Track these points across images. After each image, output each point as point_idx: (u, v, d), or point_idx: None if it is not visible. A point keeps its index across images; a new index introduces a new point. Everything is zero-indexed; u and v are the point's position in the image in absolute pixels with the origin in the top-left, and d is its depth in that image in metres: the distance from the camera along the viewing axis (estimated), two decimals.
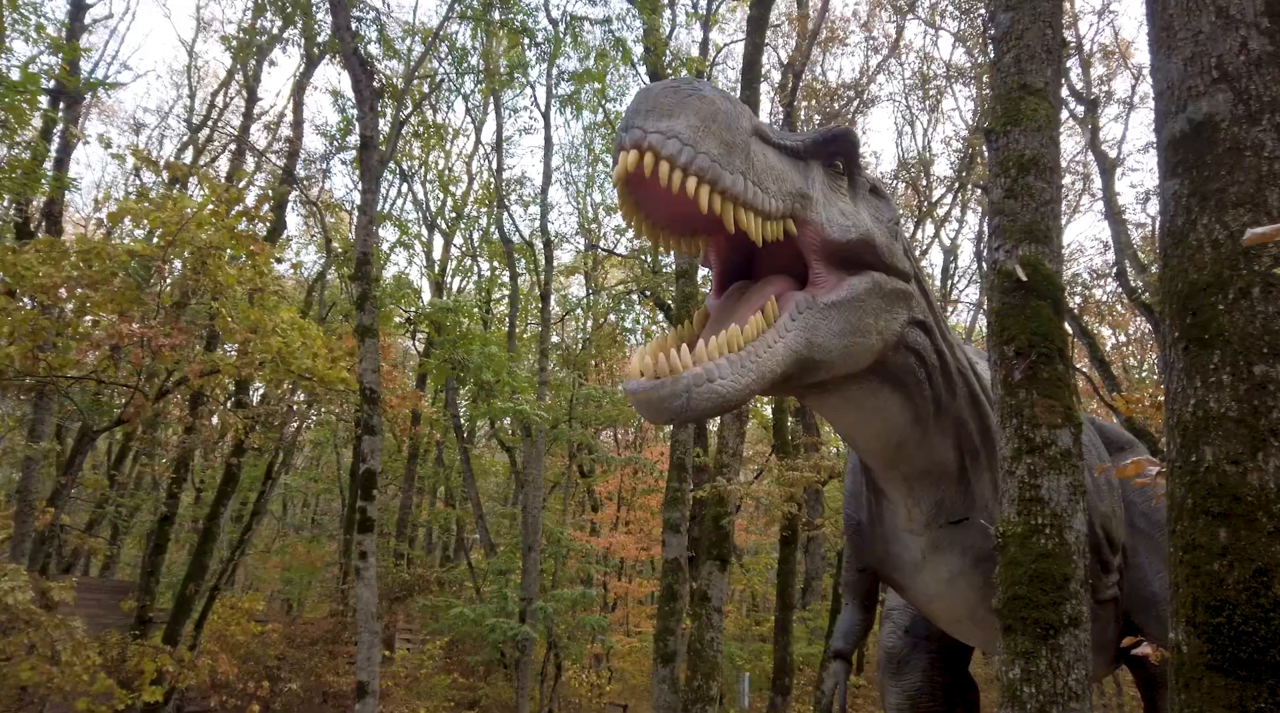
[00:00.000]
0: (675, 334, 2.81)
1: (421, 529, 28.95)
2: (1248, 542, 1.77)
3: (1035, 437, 2.35)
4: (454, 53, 14.75)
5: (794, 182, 2.78)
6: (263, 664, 12.54)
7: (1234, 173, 2.02)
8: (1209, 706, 1.72)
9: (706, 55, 19.96)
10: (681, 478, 12.48)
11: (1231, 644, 1.72)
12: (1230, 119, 2.06)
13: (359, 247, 8.68)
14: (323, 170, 18.85)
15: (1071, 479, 2.31)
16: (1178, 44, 2.20)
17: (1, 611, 6.39)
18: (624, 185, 2.56)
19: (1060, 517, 2.31)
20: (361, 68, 8.69)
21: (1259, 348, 1.88)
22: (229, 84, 20.82)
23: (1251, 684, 1.68)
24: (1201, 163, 2.08)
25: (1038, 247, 2.48)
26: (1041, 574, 2.26)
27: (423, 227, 23.42)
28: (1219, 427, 1.87)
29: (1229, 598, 1.75)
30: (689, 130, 2.41)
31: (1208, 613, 1.77)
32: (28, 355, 8.83)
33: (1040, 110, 2.60)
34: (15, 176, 12.15)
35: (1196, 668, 1.76)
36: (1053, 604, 2.21)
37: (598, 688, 22.26)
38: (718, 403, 2.48)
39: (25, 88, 10.71)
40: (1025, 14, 2.66)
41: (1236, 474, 1.81)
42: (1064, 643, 2.14)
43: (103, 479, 15.45)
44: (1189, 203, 2.07)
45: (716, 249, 2.96)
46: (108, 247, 8.73)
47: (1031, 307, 2.44)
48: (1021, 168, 2.59)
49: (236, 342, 9.87)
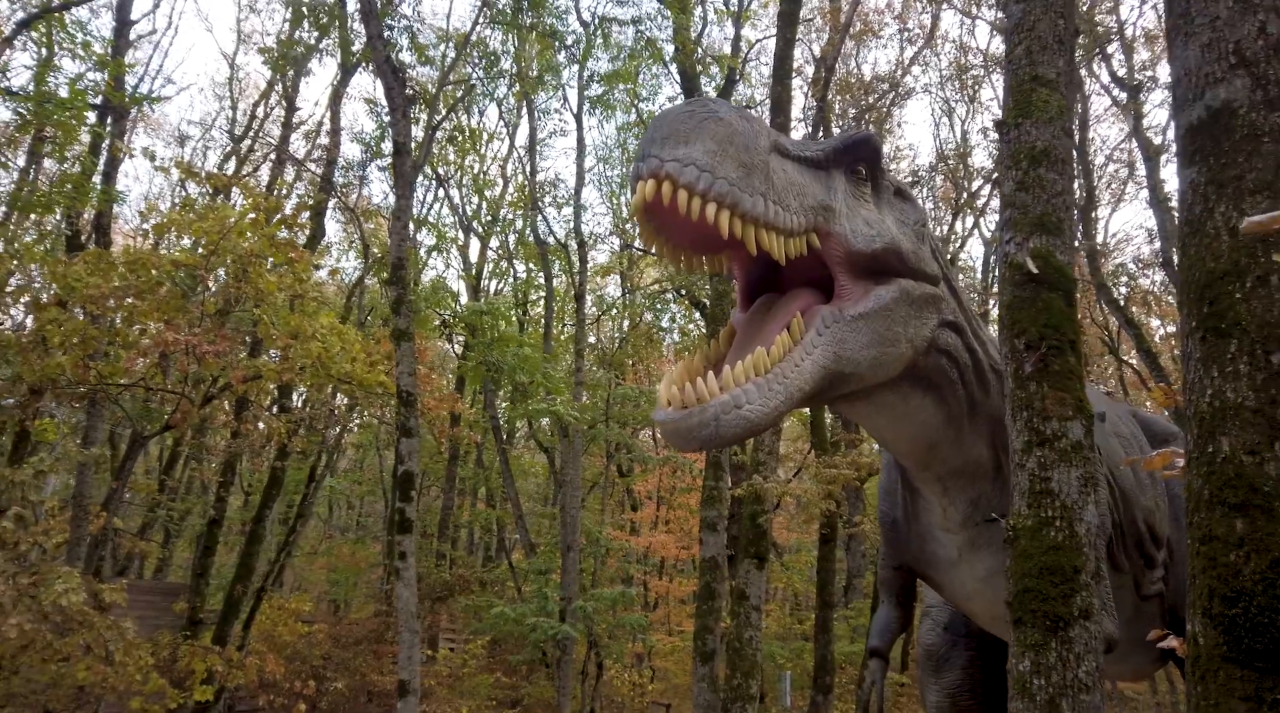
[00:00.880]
0: (703, 355, 2.81)
1: (464, 530, 29.22)
2: (1265, 532, 1.75)
3: (1046, 429, 2.34)
4: (486, 58, 14.88)
5: (816, 194, 2.76)
6: (309, 664, 12.77)
7: (1252, 159, 1.99)
8: (1225, 698, 1.70)
9: (739, 52, 19.93)
10: (718, 476, 12.47)
11: (1248, 636, 1.70)
12: (1248, 105, 2.04)
13: (394, 252, 8.81)
14: (360, 177, 19.13)
15: (1082, 472, 2.29)
16: (1195, 30, 2.18)
17: (56, 612, 6.58)
18: (643, 213, 2.56)
19: (1071, 509, 2.29)
20: (394, 75, 8.82)
21: (1277, 336, 1.85)
22: (269, 95, 21.22)
23: (1268, 676, 1.67)
24: (1219, 150, 2.05)
25: (1049, 238, 2.46)
26: (1052, 567, 2.24)
27: (459, 230, 23.65)
28: (1236, 417, 1.85)
29: (1245, 589, 1.73)
30: (706, 156, 2.40)
31: (1224, 604, 1.75)
32: (78, 364, 9.09)
33: (1052, 102, 2.58)
34: (65, 191, 12.51)
35: (1213, 660, 1.75)
36: (1063, 597, 2.19)
37: (640, 687, 22.30)
38: (746, 428, 2.48)
39: (73, 104, 11.03)
40: (1037, 5, 2.63)
41: (1254, 465, 1.79)
42: (1074, 635, 2.13)
43: (153, 484, 15.83)
44: (1206, 191, 2.05)
45: (741, 264, 2.94)
46: (152, 257, 8.95)
47: (1043, 299, 2.42)
48: (1033, 160, 2.56)
49: (278, 347, 10.06)
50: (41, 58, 14.06)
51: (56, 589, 6.41)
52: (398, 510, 8.28)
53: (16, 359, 9.18)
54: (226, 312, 10.35)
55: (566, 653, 15.09)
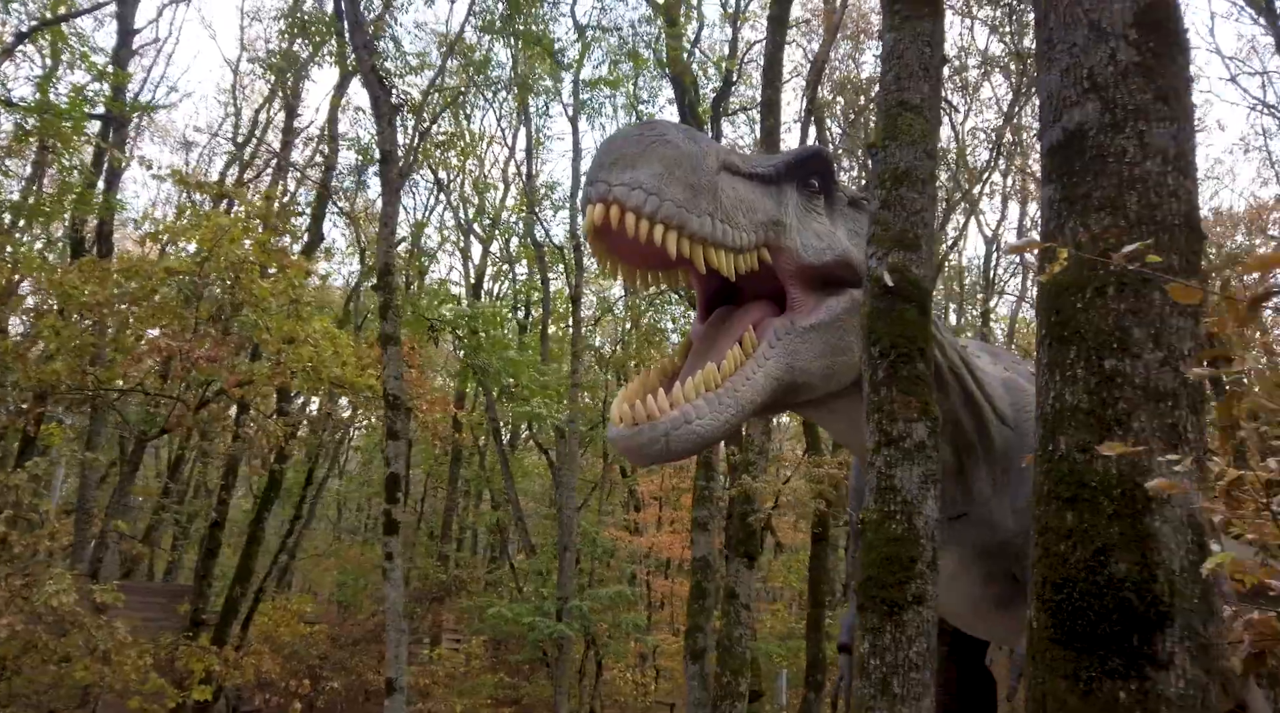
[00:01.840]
0: (659, 369, 2.91)
1: (469, 532, 29.43)
2: (1090, 524, 1.89)
3: (893, 431, 2.48)
4: (473, 65, 15.07)
5: (766, 210, 2.87)
6: (305, 664, 12.97)
7: (1098, 178, 2.14)
8: (1050, 676, 1.85)
9: (735, 54, 20.06)
10: (710, 477, 12.61)
11: (1070, 619, 1.85)
12: (1098, 127, 2.18)
13: (381, 258, 9.00)
14: (357, 183, 19.38)
15: (924, 469, 2.44)
16: (1056, 56, 2.33)
17: (49, 613, 6.79)
18: (594, 236, 2.67)
19: (911, 504, 2.43)
20: (379, 85, 9.01)
21: (1110, 344, 2.00)
22: (271, 102, 21.48)
23: (1085, 655, 1.81)
24: (1071, 169, 2.20)
25: (907, 253, 2.61)
26: (891, 557, 2.39)
27: (460, 234, 23.89)
28: (1072, 418, 2.00)
29: (1071, 576, 1.88)
30: (652, 179, 2.51)
31: (1053, 590, 1.90)
32: (75, 370, 9.31)
33: (916, 126, 2.72)
34: (67, 200, 12.76)
35: (1042, 642, 1.89)
36: (899, 584, 2.34)
37: (643, 687, 22.45)
38: (696, 443, 2.58)
39: (71, 114, 11.26)
40: (906, 34, 2.77)
41: (1084, 462, 1.94)
42: (908, 619, 2.28)
43: (152, 487, 16.08)
44: (1059, 207, 2.20)
45: (698, 278, 3.06)
46: (146, 264, 9.17)
47: (897, 310, 2.57)
48: (896, 180, 2.71)
49: (272, 352, 10.26)
50: (46, 68, 14.34)
51: (48, 590, 6.62)
52: (384, 512, 8.47)
53: (16, 366, 9.41)
54: (219, 317, 10.56)
55: (563, 652, 15.28)
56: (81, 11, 13.98)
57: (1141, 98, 2.16)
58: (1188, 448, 1.92)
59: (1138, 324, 2.00)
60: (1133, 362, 1.97)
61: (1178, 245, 2.07)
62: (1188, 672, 1.77)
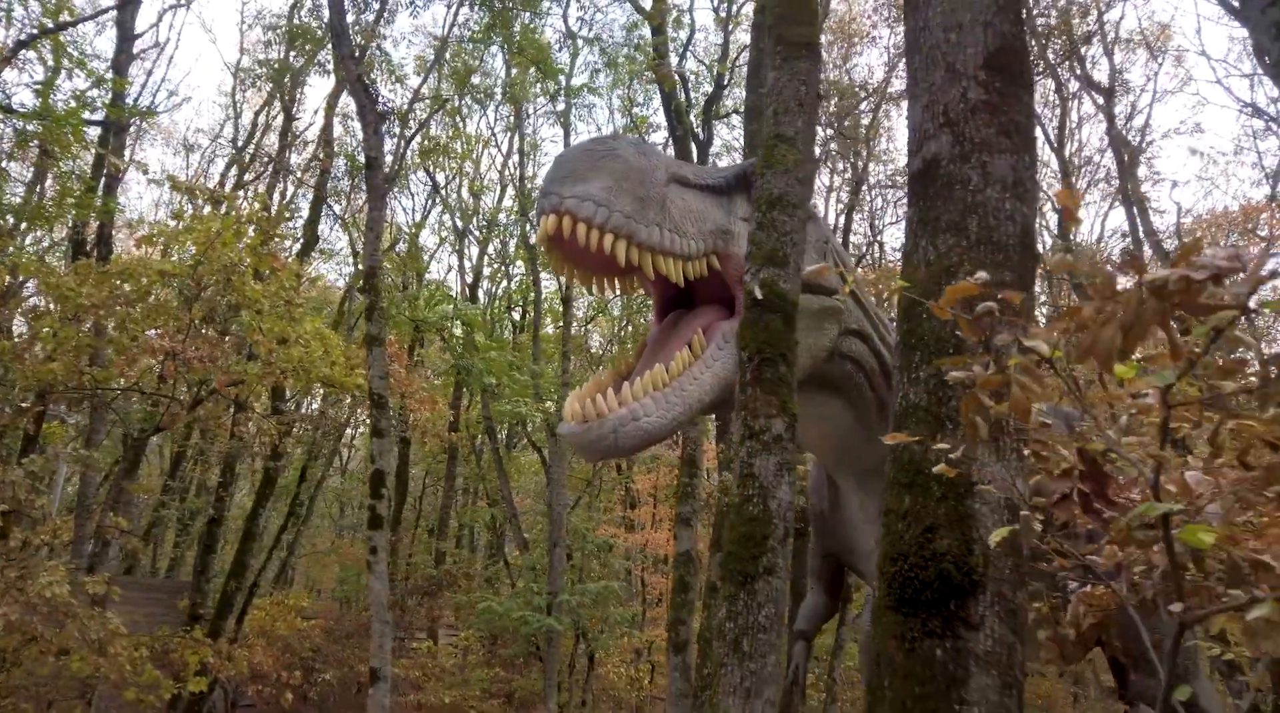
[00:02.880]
0: (613, 370, 3.17)
1: (467, 528, 29.74)
2: (922, 505, 2.18)
3: (755, 425, 2.77)
4: (456, 75, 15.37)
5: (715, 219, 3.12)
6: (298, 656, 13.29)
7: (946, 203, 2.43)
8: (884, 637, 2.14)
9: (727, 57, 20.32)
10: (693, 474, 12.86)
11: (901, 588, 2.14)
12: (949, 158, 2.47)
13: (367, 261, 9.29)
14: (352, 187, 19.67)
15: (779, 459, 2.72)
16: (919, 93, 2.62)
17: (44, 604, 7.09)
18: (548, 245, 2.93)
19: (766, 489, 2.72)
20: (365, 93, 9.31)
21: (945, 350, 2.29)
22: (269, 106, 21.79)
23: (911, 618, 2.10)
24: (926, 195, 2.49)
25: (775, 270, 2.89)
26: (748, 535, 2.68)
27: (455, 236, 24.18)
28: (914, 414, 2.29)
29: (904, 550, 2.17)
30: (603, 191, 2.76)
31: (889, 563, 2.19)
32: (71, 370, 9.62)
33: (789, 156, 3.01)
34: (66, 204, 13.06)
35: (880, 608, 2.18)
36: (752, 558, 2.63)
37: (637, 682, 22.72)
38: (644, 439, 2.84)
39: (68, 121, 11.55)
40: (785, 73, 3.06)
41: (921, 452, 2.23)
42: (758, 588, 2.57)
43: (144, 485, 16.37)
44: (916, 228, 2.49)
45: (655, 284, 3.30)
46: (139, 267, 9.47)
47: (765, 320, 2.85)
48: (770, 204, 3.00)
49: (262, 352, 10.56)
50: (47, 75, 14.65)
51: (41, 582, 6.92)
52: (369, 507, 8.76)
53: (15, 366, 9.71)
54: (212, 319, 10.86)
55: (552, 646, 15.58)
56: (81, 19, 14.27)
57: (986, 132, 2.45)
58: (1009, 440, 2.21)
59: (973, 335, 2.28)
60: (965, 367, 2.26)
61: (1012, 263, 2.36)
62: (996, 632, 2.06)
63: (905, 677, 2.04)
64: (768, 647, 2.51)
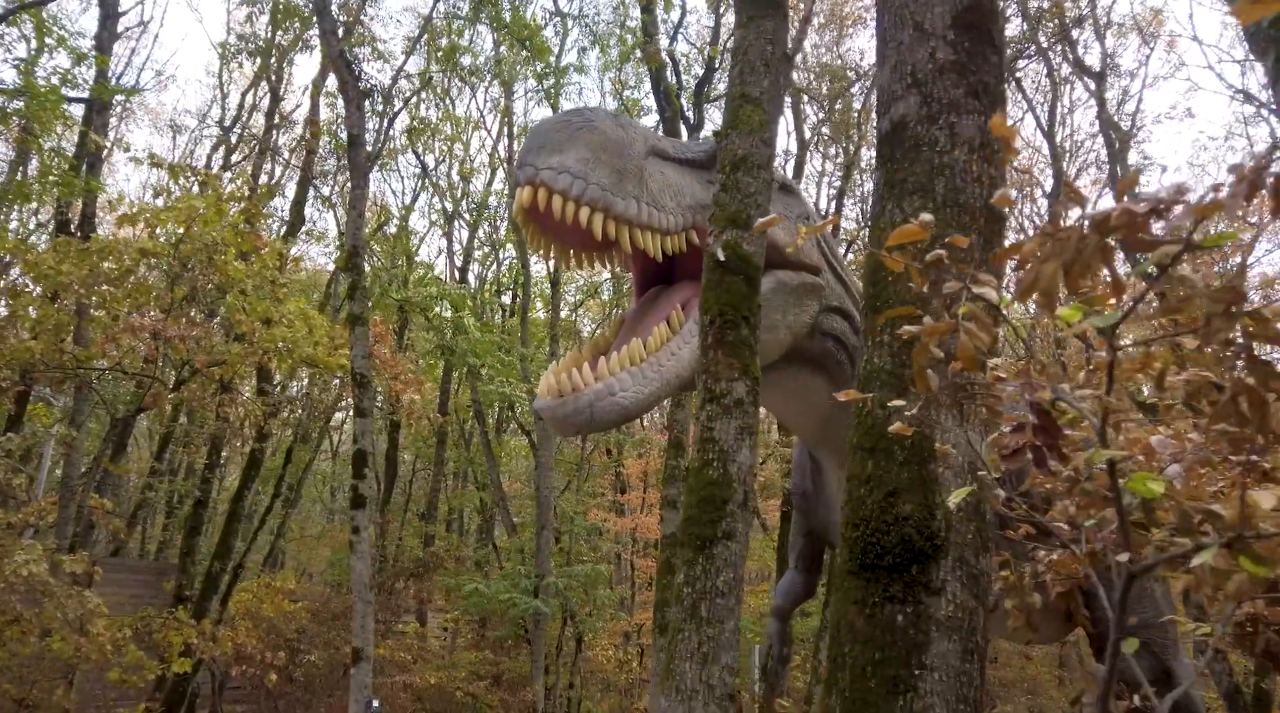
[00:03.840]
0: (591, 345, 3.11)
1: (457, 512, 29.74)
2: (885, 470, 2.15)
3: (716, 389, 2.73)
4: (441, 53, 15.21)
5: (695, 194, 3.05)
6: (284, 637, 13.27)
7: (914, 165, 2.38)
8: (844, 602, 2.11)
9: (718, 40, 20.22)
10: (679, 455, 12.84)
11: (862, 553, 2.11)
12: (916, 119, 2.42)
13: (350, 239, 9.21)
14: (338, 167, 19.51)
15: (740, 423, 2.68)
16: (888, 54, 2.57)
17: (20, 582, 7.04)
18: (524, 217, 2.86)
19: (726, 453, 2.68)
20: (347, 69, 9.21)
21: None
22: (256, 86, 21.58)
23: (872, 583, 2.07)
24: (894, 157, 2.44)
25: (739, 232, 2.84)
26: (707, 499, 2.64)
27: (444, 218, 24.05)
28: (878, 378, 2.25)
29: (865, 516, 2.13)
30: (579, 163, 2.68)
31: (851, 528, 2.16)
32: (51, 349, 9.53)
33: (755, 117, 2.96)
34: (46, 182, 12.93)
35: (841, 574, 2.15)
36: (711, 522, 2.59)
37: (625, 665, 22.80)
38: (620, 414, 2.78)
39: (50, 97, 11.41)
40: (751, 32, 3.01)
41: (883, 417, 2.19)
42: (717, 552, 2.53)
43: (128, 466, 16.29)
44: (883, 191, 2.44)
45: (633, 258, 3.23)
46: (120, 245, 9.37)
47: (727, 282, 2.81)
48: (734, 165, 2.94)
49: (245, 332, 10.48)
50: (30, 54, 14.46)
51: (17, 560, 6.87)
52: (352, 487, 8.72)
53: None
54: (195, 299, 10.77)
55: (539, 628, 15.60)
56: None
57: (955, 93, 2.40)
58: (974, 403, 2.17)
59: (934, 295, 2.24)
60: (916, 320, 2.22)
61: (979, 226, 2.32)
62: (958, 597, 2.03)
63: (865, 642, 2.01)
64: (726, 612, 2.47)
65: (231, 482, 24.14)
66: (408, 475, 28.57)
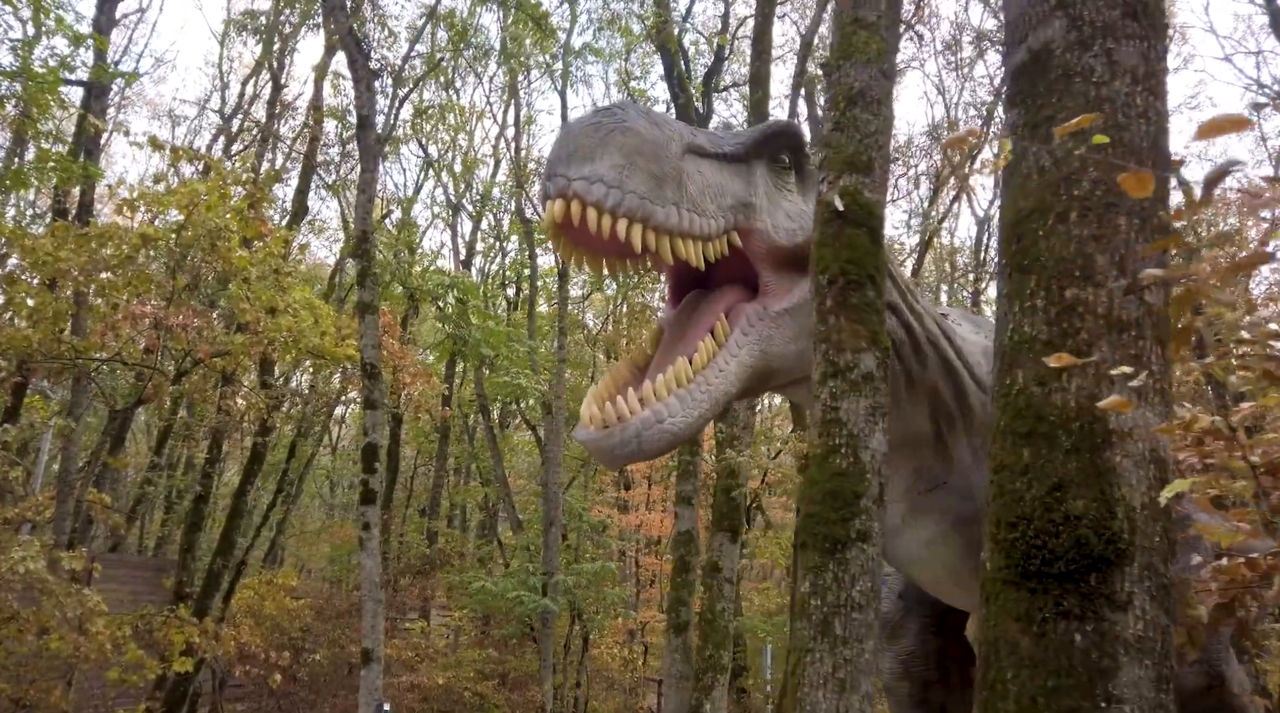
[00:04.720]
0: (629, 362, 2.76)
1: (460, 507, 29.44)
2: (1047, 460, 1.79)
3: (840, 361, 2.37)
4: (454, 32, 14.83)
5: (735, 192, 2.71)
6: (287, 636, 12.95)
7: (1063, 99, 2.02)
8: (1002, 617, 1.75)
9: (727, 29, 19.85)
10: (694, 452, 12.57)
11: (1024, 559, 1.75)
12: (1064, 46, 2.06)
13: (359, 225, 8.85)
14: (342, 154, 19.15)
15: (871, 402, 2.33)
16: None
17: (18, 579, 6.71)
18: (555, 232, 2.52)
19: (856, 437, 2.33)
20: (357, 47, 8.83)
21: (1071, 272, 1.89)
22: (258, 73, 21.21)
23: (1040, 595, 1.71)
24: (1035, 92, 2.08)
25: (859, 177, 2.49)
26: (835, 492, 2.28)
27: (449, 210, 23.70)
28: (1030, 350, 1.89)
29: (1025, 514, 1.77)
30: (613, 171, 2.35)
31: (1007, 529, 1.80)
32: (49, 338, 9.17)
33: (871, 44, 2.60)
34: (44, 168, 12.55)
35: (995, 583, 1.79)
36: (842, 520, 2.23)
37: (630, 663, 22.51)
38: (670, 442, 2.45)
39: (47, 79, 11.04)
40: None
41: (1042, 395, 1.83)
42: (850, 557, 2.17)
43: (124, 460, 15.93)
44: (1023, 132, 2.08)
45: (668, 264, 2.90)
46: (119, 230, 9.01)
47: (847, 235, 2.45)
48: (850, 100, 2.59)
49: (249, 321, 10.13)
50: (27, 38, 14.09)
51: (14, 556, 6.53)
52: (362, 481, 8.37)
53: None
54: (196, 286, 10.41)
55: (548, 626, 15.27)
56: None
57: (1110, 14, 2.04)
58: (1151, 378, 1.81)
59: (1100, 251, 1.88)
60: (1095, 290, 1.86)
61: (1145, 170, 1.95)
62: (1147, 613, 1.67)
63: (1034, 667, 1.65)
64: (865, 629, 2.11)
65: (231, 477, 23.82)
66: (408, 471, 28.24)
